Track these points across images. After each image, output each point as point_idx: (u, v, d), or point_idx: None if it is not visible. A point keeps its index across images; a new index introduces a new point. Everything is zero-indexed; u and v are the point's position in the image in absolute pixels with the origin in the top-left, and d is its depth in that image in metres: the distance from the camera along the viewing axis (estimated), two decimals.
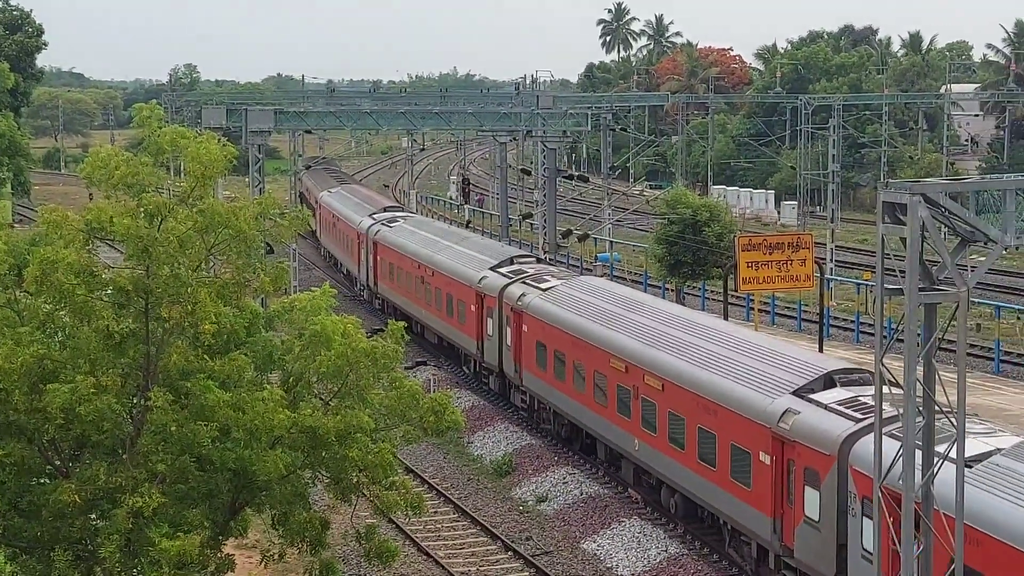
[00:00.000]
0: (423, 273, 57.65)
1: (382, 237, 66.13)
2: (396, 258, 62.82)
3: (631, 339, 37.69)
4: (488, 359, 49.62)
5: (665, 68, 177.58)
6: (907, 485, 18.05)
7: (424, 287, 57.76)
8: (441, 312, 55.64)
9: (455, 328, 53.67)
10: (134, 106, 26.27)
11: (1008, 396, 47.63)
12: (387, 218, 69.50)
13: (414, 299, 59.80)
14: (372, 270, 68.00)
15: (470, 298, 50.95)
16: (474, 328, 50.70)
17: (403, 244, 62.35)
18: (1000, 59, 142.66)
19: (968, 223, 17.81)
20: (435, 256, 56.89)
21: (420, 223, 68.35)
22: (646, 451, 36.27)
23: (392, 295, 64.40)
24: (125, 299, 23.64)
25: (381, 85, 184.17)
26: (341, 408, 24.49)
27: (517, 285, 47.12)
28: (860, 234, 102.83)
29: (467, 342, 52.05)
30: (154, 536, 22.06)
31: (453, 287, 53.48)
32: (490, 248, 55.93)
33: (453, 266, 54.11)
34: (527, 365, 45.42)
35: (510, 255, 52.57)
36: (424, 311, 58.45)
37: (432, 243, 59.28)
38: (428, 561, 35.35)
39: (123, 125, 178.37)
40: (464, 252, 55.13)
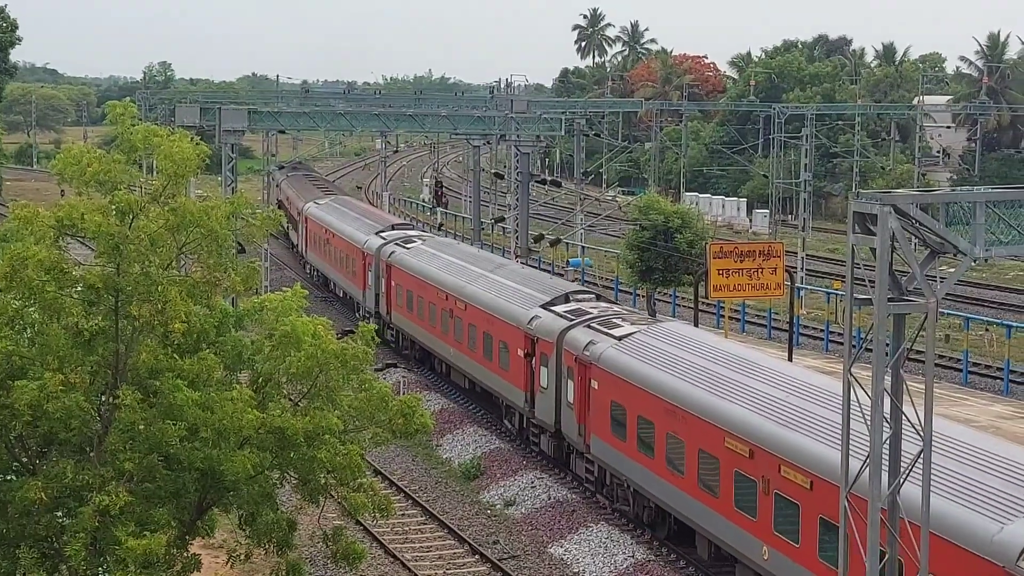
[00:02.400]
0: (451, 305, 50.07)
1: (398, 260, 57.92)
2: (415, 285, 54.88)
3: (755, 413, 29.72)
4: (541, 416, 41.72)
5: (639, 75, 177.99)
6: (873, 495, 18.12)
7: (453, 322, 50.01)
8: (476, 353, 47.94)
9: (495, 374, 45.96)
10: (108, 103, 26.20)
11: (976, 407, 47.90)
12: (400, 237, 61.76)
13: (439, 334, 52.08)
14: (384, 297, 59.74)
15: (516, 340, 43.38)
16: (521, 377, 43.02)
17: (424, 269, 54.34)
18: (973, 72, 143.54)
19: (938, 235, 17.90)
20: (467, 286, 49.34)
21: (442, 245, 59.66)
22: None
23: (409, 327, 56.56)
24: (95, 297, 23.58)
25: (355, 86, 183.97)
26: (310, 409, 24.49)
27: (581, 330, 39.33)
28: (831, 243, 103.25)
29: (511, 392, 44.12)
30: (120, 535, 22.00)
31: (493, 325, 45.73)
32: (536, 280, 48.06)
33: (493, 300, 46.51)
34: (597, 430, 37.20)
35: (564, 290, 44.89)
36: (452, 349, 50.84)
37: (462, 270, 51.66)
38: (395, 564, 35.31)
39: (96, 122, 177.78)
40: (505, 284, 47.65)
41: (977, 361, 56.15)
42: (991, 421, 45.16)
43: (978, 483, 23.10)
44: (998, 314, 68.08)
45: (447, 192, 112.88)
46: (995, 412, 47.30)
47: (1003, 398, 50.69)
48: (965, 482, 23.29)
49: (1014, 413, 47.45)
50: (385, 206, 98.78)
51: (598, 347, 37.40)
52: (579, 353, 38.27)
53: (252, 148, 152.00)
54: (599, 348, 37.38)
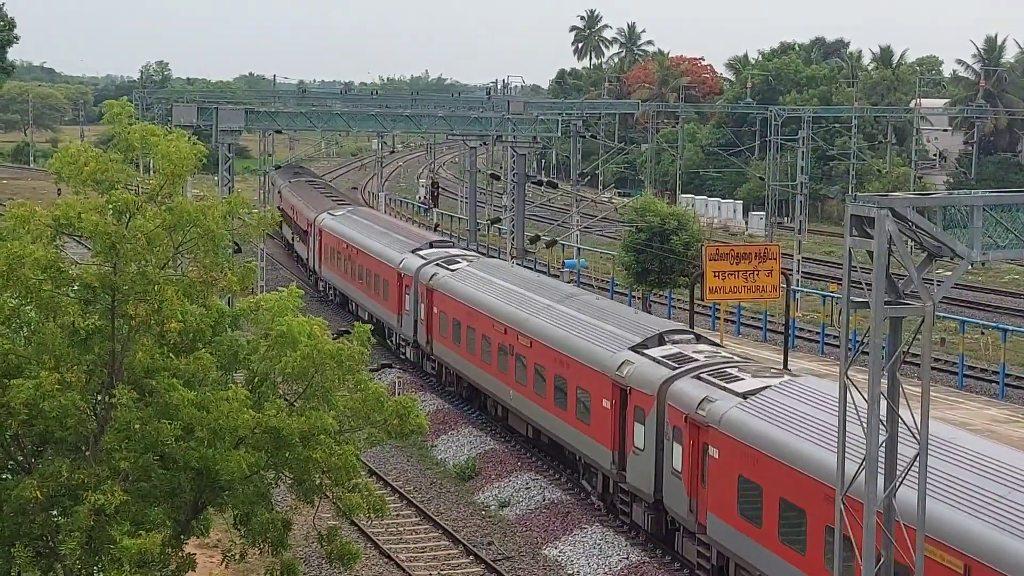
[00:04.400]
0: (511, 341, 43.33)
1: (442, 284, 50.95)
2: (464, 314, 47.89)
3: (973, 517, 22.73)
4: (635, 482, 35.02)
5: (636, 76, 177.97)
6: (869, 498, 18.13)
7: (513, 360, 43.35)
8: (544, 400, 40.90)
9: (570, 427, 38.98)
10: (105, 102, 26.19)
11: (971, 411, 47.93)
12: (441, 257, 54.67)
13: (494, 372, 45.32)
14: (425, 324, 52.83)
15: (601, 389, 36.58)
16: (607, 433, 36.14)
17: (475, 296, 47.59)
18: (970, 75, 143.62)
19: (935, 238, 17.92)
20: (532, 319, 42.41)
21: (493, 267, 52.47)
22: None
23: (455, 360, 49.82)
24: (91, 295, 23.58)
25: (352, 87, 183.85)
26: (306, 409, 24.48)
27: (689, 382, 32.68)
28: (827, 246, 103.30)
29: (593, 450, 37.54)
30: (115, 534, 22.00)
31: (569, 368, 38.93)
32: (617, 315, 40.89)
33: (569, 339, 39.55)
34: (716, 507, 30.53)
35: (656, 329, 37.76)
36: (512, 392, 43.62)
37: (523, 299, 44.62)
38: (389, 564, 35.31)
39: (93, 121, 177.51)
40: (581, 319, 40.59)
41: (973, 364, 56.19)
42: (986, 424, 45.19)
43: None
44: (994, 317, 68.12)
45: (443, 192, 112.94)
46: (990, 416, 47.34)
47: (998, 402, 50.73)
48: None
49: (1009, 417, 47.49)
50: (381, 207, 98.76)
51: (717, 406, 30.44)
52: (691, 412, 31.36)
53: (249, 148, 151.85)
54: (718, 408, 30.35)
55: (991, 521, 21.61)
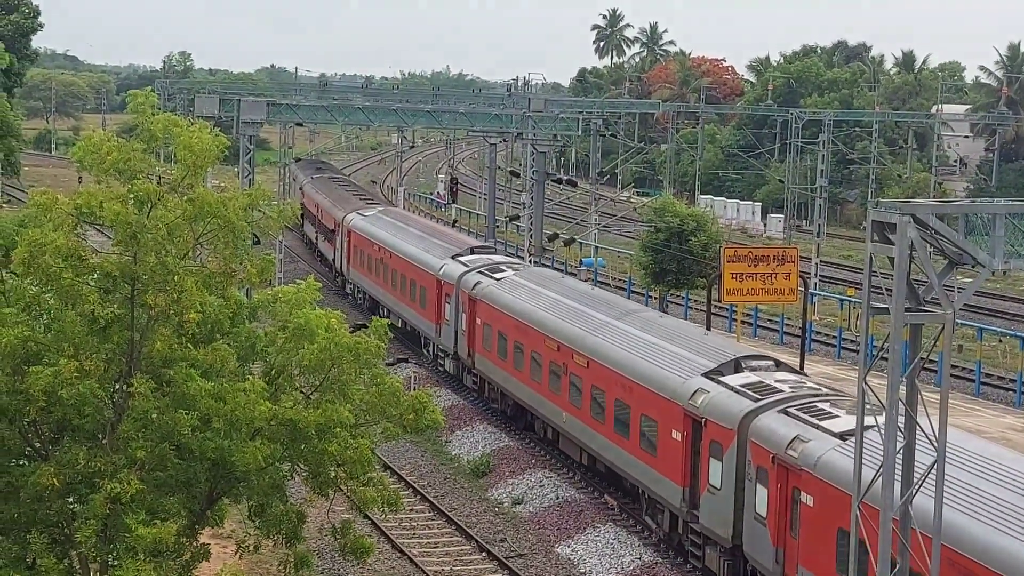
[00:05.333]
0: (565, 359, 40.15)
1: (487, 294, 47.72)
2: (511, 327, 44.78)
3: None
4: (710, 523, 31.47)
5: (657, 76, 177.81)
6: (885, 504, 18.10)
7: (567, 380, 40.01)
8: (603, 426, 37.64)
9: (633, 457, 35.85)
10: (128, 92, 26.27)
11: (987, 418, 47.79)
12: (484, 264, 51.46)
13: (545, 393, 41.99)
14: (467, 336, 49.60)
15: (671, 419, 33.33)
16: (677, 467, 32.90)
17: (524, 309, 44.32)
18: (992, 81, 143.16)
19: (957, 245, 17.88)
20: (589, 336, 39.32)
21: (542, 278, 48.60)
22: None
23: (500, 376, 46.61)
24: (111, 284, 23.63)
25: (373, 81, 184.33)
26: (322, 402, 24.52)
27: (775, 417, 29.44)
28: (845, 250, 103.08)
29: (659, 484, 34.11)
30: (131, 522, 22.06)
31: (631, 394, 35.61)
32: (686, 336, 37.43)
33: (632, 362, 36.35)
34: (810, 561, 27.27)
35: (732, 354, 34.40)
36: (565, 415, 40.39)
37: (578, 314, 41.48)
38: (402, 559, 35.36)
39: (115, 110, 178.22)
40: (646, 339, 37.35)
41: (990, 372, 56.03)
42: (1002, 432, 45.04)
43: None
44: (1012, 325, 67.92)
45: (462, 189, 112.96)
46: (1006, 424, 47.19)
47: (1015, 410, 50.57)
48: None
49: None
50: (401, 202, 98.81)
51: (811, 447, 27.13)
52: (779, 452, 28.11)
53: (269, 140, 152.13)
54: (813, 449, 27.02)
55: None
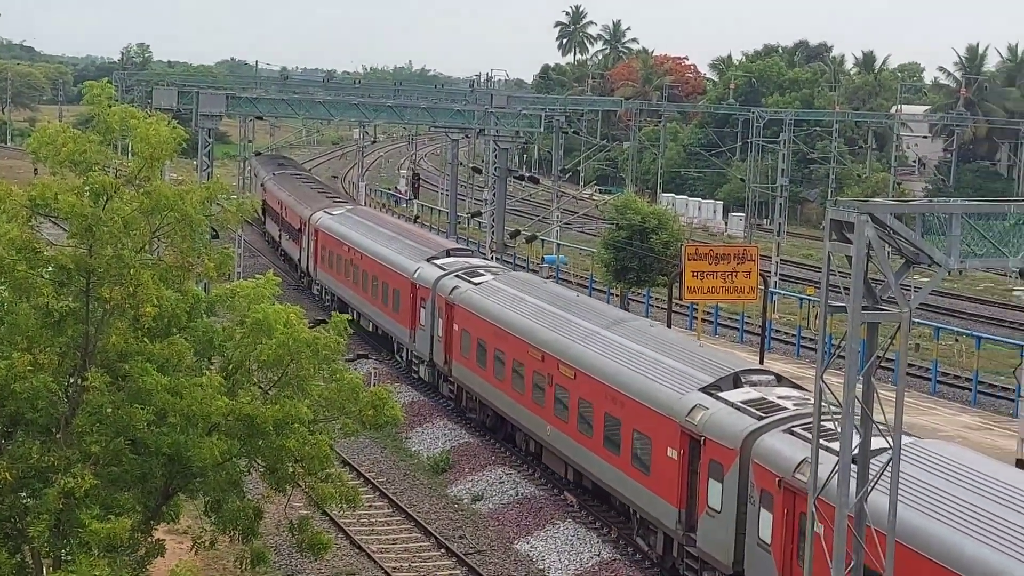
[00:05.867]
0: (550, 370, 38.42)
1: (465, 299, 45.95)
2: (491, 334, 43.09)
3: None
4: (709, 547, 29.78)
5: (620, 74, 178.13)
6: (841, 501, 18.14)
7: (552, 391, 38.35)
8: (590, 440, 35.90)
9: (625, 475, 33.95)
10: (85, 83, 25.99)
11: (943, 416, 48.09)
12: (462, 268, 49.56)
13: (527, 404, 40.30)
14: (443, 342, 47.90)
15: (665, 435, 31.63)
16: (673, 488, 31.20)
17: (505, 316, 42.53)
18: (951, 82, 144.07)
19: (914, 245, 17.94)
20: (575, 346, 37.57)
21: (524, 283, 46.84)
22: None
23: (479, 385, 44.74)
24: (66, 277, 23.42)
25: (335, 75, 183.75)
26: (280, 398, 24.38)
27: (779, 437, 27.85)
28: (805, 249, 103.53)
29: (654, 505, 32.32)
30: (84, 518, 21.86)
31: (623, 408, 33.88)
32: (680, 348, 35.76)
33: (622, 374, 34.56)
34: None
35: (730, 368, 32.60)
36: (549, 427, 38.66)
37: (564, 323, 39.67)
38: (360, 555, 35.25)
39: (72, 101, 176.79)
40: (636, 350, 35.64)
41: (946, 371, 56.37)
42: (958, 431, 45.34)
43: None
44: (968, 325, 68.37)
45: (424, 184, 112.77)
46: (962, 422, 47.50)
47: (971, 408, 50.91)
48: None
49: (981, 424, 47.66)
50: (362, 197, 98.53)
51: (821, 472, 22.81)
52: (786, 475, 26.46)
53: (228, 133, 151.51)
54: (823, 474, 22.80)
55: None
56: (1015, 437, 41.70)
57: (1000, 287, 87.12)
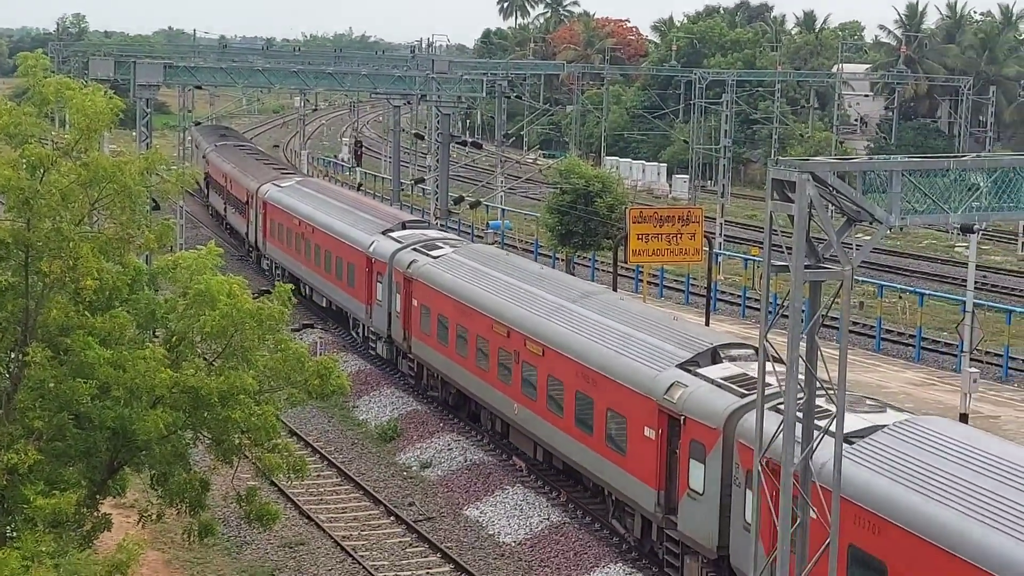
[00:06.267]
0: (516, 347, 37.11)
1: (424, 274, 44.46)
2: (453, 310, 41.58)
3: None
4: (691, 531, 28.57)
5: (561, 37, 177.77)
6: (786, 460, 18.25)
7: (519, 368, 36.96)
8: (561, 420, 34.55)
9: (599, 455, 32.72)
10: (19, 55, 25.68)
11: (887, 373, 48.51)
12: (419, 241, 47.90)
13: (492, 381, 38.98)
14: (401, 319, 46.44)
15: (643, 414, 30.23)
16: (651, 468, 29.92)
17: (467, 291, 41.09)
18: (891, 40, 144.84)
19: (855, 203, 18.00)
20: (545, 322, 36.09)
21: (486, 256, 45.27)
22: None
23: (440, 363, 43.39)
24: (4, 252, 23.25)
25: (274, 43, 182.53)
26: (225, 369, 24.26)
27: (772, 418, 22.74)
28: (749, 209, 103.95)
29: (632, 488, 31.07)
30: (29, 493, 21.72)
31: (595, 386, 32.60)
32: (654, 322, 34.24)
33: (595, 350, 33.19)
34: None
35: (709, 343, 31.35)
36: (516, 406, 37.39)
37: (531, 298, 38.19)
38: (310, 525, 35.19)
39: (7, 74, 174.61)
40: (608, 325, 34.20)
41: (890, 328, 56.84)
42: (902, 387, 45.78)
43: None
44: (911, 282, 68.96)
45: (367, 152, 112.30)
46: (906, 378, 47.95)
47: (915, 365, 51.40)
48: None
49: (925, 379, 48.13)
50: (304, 165, 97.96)
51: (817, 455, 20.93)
52: (773, 456, 22.62)
53: (168, 103, 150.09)
54: (816, 455, 21.08)
55: None
56: (958, 392, 42.14)
57: (942, 243, 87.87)
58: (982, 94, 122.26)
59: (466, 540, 34.43)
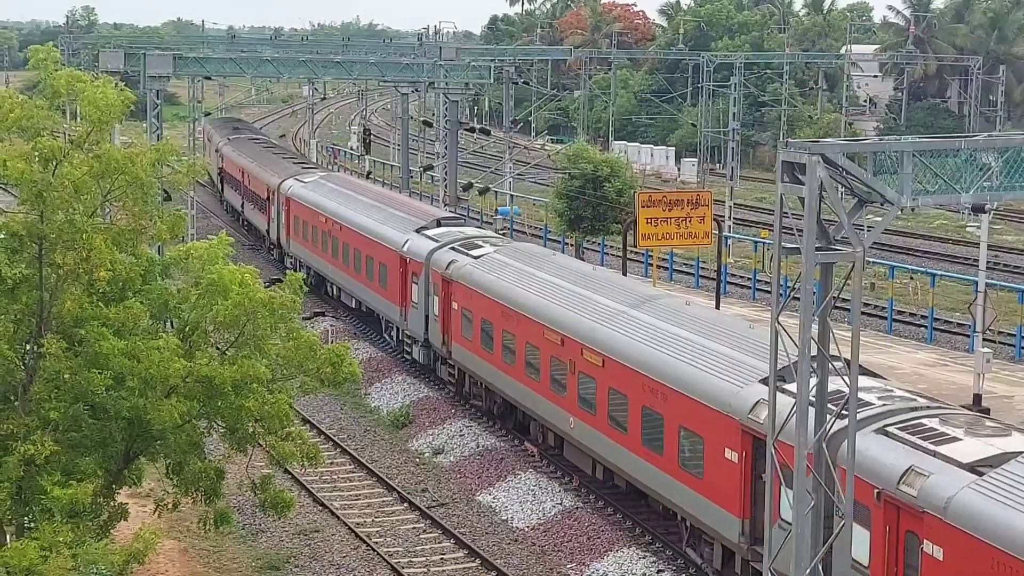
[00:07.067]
0: (572, 356, 34.45)
1: (465, 275, 41.90)
2: (500, 316, 38.90)
3: None
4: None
5: (568, 22, 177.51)
6: (799, 442, 18.29)
7: (575, 379, 34.38)
8: (627, 438, 31.81)
9: (671, 478, 30.09)
10: (30, 48, 25.77)
11: (900, 355, 48.51)
12: (457, 240, 45.39)
13: (544, 392, 36.38)
14: (440, 322, 43.85)
15: (722, 433, 27.70)
16: (735, 496, 27.35)
17: (519, 297, 38.20)
18: (900, 21, 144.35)
19: (865, 184, 18.00)
20: (602, 328, 33.68)
21: (532, 257, 42.09)
22: None
23: (484, 369, 40.76)
24: (18, 244, 23.31)
25: (283, 32, 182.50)
26: (238, 358, 24.34)
27: (885, 443, 23.57)
28: (758, 192, 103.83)
29: (709, 514, 28.58)
30: (46, 484, 21.85)
31: (667, 402, 29.91)
32: (731, 332, 31.31)
33: (668, 365, 30.37)
34: None
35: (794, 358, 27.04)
36: (572, 419, 34.67)
37: (585, 303, 35.61)
38: (324, 512, 35.32)
39: (18, 67, 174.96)
40: (680, 335, 31.44)
41: (902, 309, 56.81)
42: (914, 368, 45.79)
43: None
44: (923, 262, 68.86)
45: (375, 140, 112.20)
46: (919, 359, 47.95)
47: (927, 345, 51.37)
48: None
49: (937, 360, 48.12)
50: (313, 154, 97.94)
51: (933, 484, 21.73)
52: (887, 487, 22.61)
53: (178, 95, 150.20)
54: (936, 487, 21.60)
55: None
56: (971, 372, 42.13)
57: (954, 224, 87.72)
58: (992, 73, 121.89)
59: (479, 526, 34.54)
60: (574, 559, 31.95)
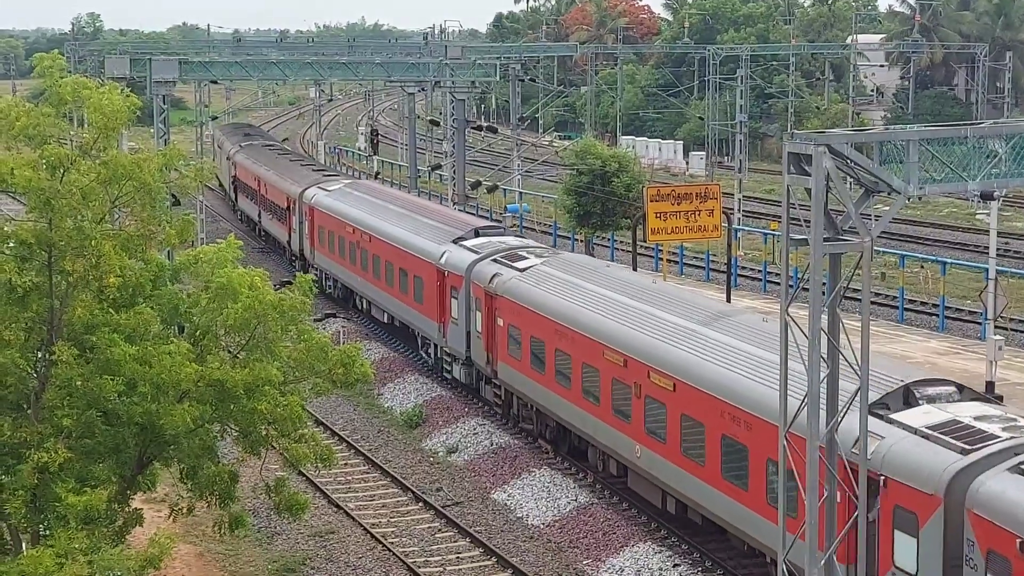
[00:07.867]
0: (647, 386, 31.45)
1: (510, 290, 39.26)
2: (553, 334, 36.30)
3: None
4: None
5: (574, 18, 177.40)
6: (811, 433, 18.28)
7: (648, 410, 31.45)
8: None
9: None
10: (35, 56, 25.83)
11: (911, 343, 48.41)
12: (499, 251, 42.73)
13: (619, 425, 33.00)
14: (484, 340, 41.27)
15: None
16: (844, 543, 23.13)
17: (574, 314, 35.31)
18: (905, 10, 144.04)
19: (872, 173, 18.00)
20: (675, 350, 30.86)
21: (583, 269, 39.17)
22: None
23: (534, 391, 38.08)
24: (28, 252, 23.33)
25: (288, 35, 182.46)
26: (249, 361, 24.37)
27: (1010, 481, 21.06)
28: (767, 184, 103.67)
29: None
30: (60, 491, 21.89)
31: (736, 423, 27.63)
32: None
33: (748, 388, 27.62)
34: None
35: (901, 380, 25.36)
36: (656, 457, 31.29)
37: (646, 319, 32.99)
38: (339, 513, 35.35)
39: (24, 75, 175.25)
40: (754, 355, 28.55)
41: (913, 298, 56.68)
42: (927, 357, 45.70)
43: None
44: (933, 251, 68.69)
45: (383, 140, 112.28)
46: (931, 348, 47.86)
47: (938, 334, 51.24)
48: None
49: (949, 348, 48.02)
50: (321, 156, 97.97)
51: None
52: (1019, 530, 19.98)
53: (184, 99, 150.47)
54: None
55: None
56: (983, 360, 42.03)
57: (963, 212, 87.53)
58: (998, 60, 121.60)
59: (495, 524, 34.54)
60: (590, 555, 31.95)
